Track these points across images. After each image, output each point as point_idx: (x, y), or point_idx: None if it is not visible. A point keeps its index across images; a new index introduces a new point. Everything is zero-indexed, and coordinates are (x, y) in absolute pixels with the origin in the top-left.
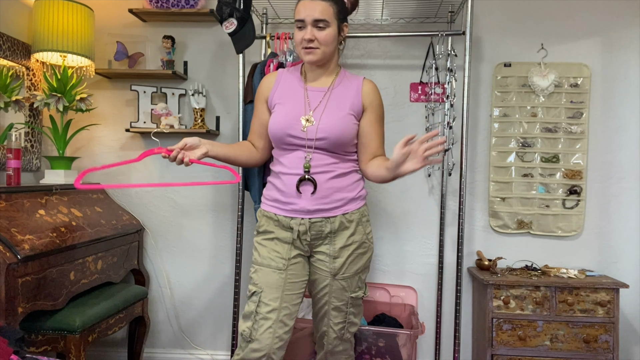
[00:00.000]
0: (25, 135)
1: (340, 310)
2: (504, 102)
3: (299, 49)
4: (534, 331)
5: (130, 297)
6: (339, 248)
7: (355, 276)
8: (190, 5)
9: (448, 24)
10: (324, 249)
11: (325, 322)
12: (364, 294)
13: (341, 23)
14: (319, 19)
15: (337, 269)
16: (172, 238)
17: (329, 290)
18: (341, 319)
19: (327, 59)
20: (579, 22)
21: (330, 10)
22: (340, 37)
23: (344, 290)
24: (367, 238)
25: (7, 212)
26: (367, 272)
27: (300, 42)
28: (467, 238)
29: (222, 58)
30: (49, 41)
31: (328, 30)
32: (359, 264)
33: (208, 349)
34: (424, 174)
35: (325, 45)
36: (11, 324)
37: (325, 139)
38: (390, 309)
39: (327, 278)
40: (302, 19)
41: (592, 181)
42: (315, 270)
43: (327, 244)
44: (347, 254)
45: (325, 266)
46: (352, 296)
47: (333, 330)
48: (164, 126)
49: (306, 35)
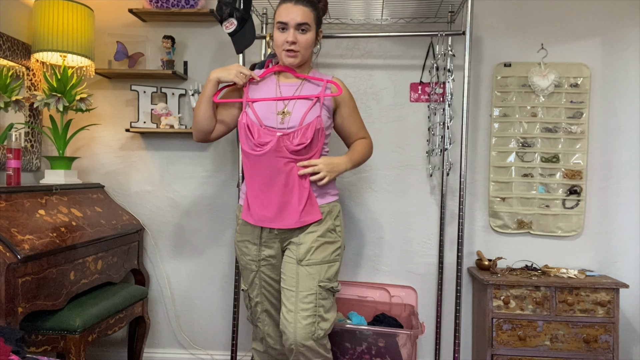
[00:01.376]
0: (25, 135)
1: (308, 302)
2: (504, 102)
3: (279, 51)
4: (534, 331)
5: (130, 297)
6: (303, 234)
7: (323, 265)
8: (190, 5)
9: (448, 24)
10: (294, 239)
11: (293, 316)
12: (334, 289)
13: (318, 28)
14: (302, 22)
15: (302, 254)
16: (172, 238)
17: (296, 278)
18: (311, 312)
19: (304, 62)
20: (579, 22)
21: (312, 15)
22: (316, 41)
23: (311, 278)
24: (334, 229)
25: (7, 212)
26: (337, 265)
27: (282, 44)
28: (467, 238)
29: (222, 58)
30: (49, 41)
31: (309, 34)
32: (325, 253)
33: (208, 349)
34: (425, 174)
35: (305, 48)
36: (11, 324)
37: (292, 128)
38: (390, 309)
39: (294, 265)
40: (286, 22)
41: (592, 181)
42: (285, 260)
43: (296, 233)
44: (311, 240)
45: (292, 254)
46: (320, 285)
47: (302, 325)
48: (164, 126)
49: (289, 37)
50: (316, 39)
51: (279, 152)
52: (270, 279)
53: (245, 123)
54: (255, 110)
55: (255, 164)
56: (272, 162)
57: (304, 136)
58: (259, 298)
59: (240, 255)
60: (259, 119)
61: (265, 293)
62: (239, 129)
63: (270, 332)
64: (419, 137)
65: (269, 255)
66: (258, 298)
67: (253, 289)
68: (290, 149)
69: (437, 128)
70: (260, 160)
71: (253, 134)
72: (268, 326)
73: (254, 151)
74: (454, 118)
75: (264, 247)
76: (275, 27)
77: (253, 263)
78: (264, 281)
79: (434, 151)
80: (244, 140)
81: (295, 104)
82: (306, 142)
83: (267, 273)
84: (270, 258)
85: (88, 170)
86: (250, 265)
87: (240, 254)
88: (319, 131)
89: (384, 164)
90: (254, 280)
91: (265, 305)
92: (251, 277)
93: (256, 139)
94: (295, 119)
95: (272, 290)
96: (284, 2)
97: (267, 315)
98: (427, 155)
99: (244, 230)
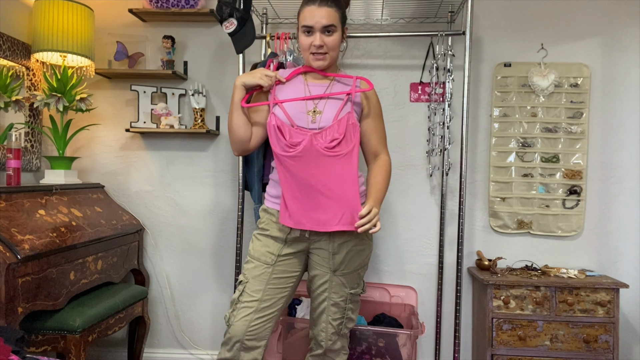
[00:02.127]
0: (25, 135)
1: (339, 306)
2: (504, 102)
3: (306, 55)
4: (534, 331)
5: (130, 297)
6: (338, 244)
7: (354, 272)
8: (190, 5)
9: (448, 24)
10: (323, 245)
11: (324, 318)
12: (362, 291)
13: (343, 26)
14: (328, 24)
15: (337, 264)
16: (172, 238)
17: (328, 286)
18: (340, 315)
19: (332, 63)
20: (579, 22)
21: (336, 16)
22: (343, 39)
23: (343, 286)
24: (366, 235)
25: (7, 212)
26: (365, 269)
27: (308, 47)
28: (467, 238)
29: (222, 58)
30: (49, 41)
31: (335, 35)
32: (358, 261)
33: (208, 349)
34: (425, 174)
35: (333, 50)
36: (11, 324)
37: (322, 128)
38: (390, 309)
39: (327, 274)
40: (311, 25)
41: (592, 181)
42: (315, 266)
43: (327, 240)
44: (347, 250)
45: (325, 262)
46: (351, 292)
47: (332, 326)
48: (164, 126)
49: (316, 41)
50: (342, 37)
51: (313, 151)
52: (282, 273)
53: (274, 124)
54: (285, 110)
55: (289, 166)
56: (307, 162)
57: (337, 132)
58: (258, 295)
59: (258, 247)
60: (290, 119)
61: (271, 287)
62: (269, 132)
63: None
64: (419, 137)
65: (290, 252)
66: (257, 295)
67: (255, 283)
68: (324, 146)
69: (437, 128)
70: (294, 161)
71: (284, 134)
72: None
73: (286, 152)
74: (453, 118)
75: (287, 247)
76: (300, 30)
77: (270, 256)
78: (275, 277)
79: (434, 151)
80: (275, 142)
81: (326, 103)
82: (340, 138)
83: (280, 268)
84: (291, 255)
85: (88, 170)
86: (266, 258)
87: (259, 245)
88: (352, 126)
89: None
90: (262, 274)
91: (263, 304)
92: (261, 270)
93: (288, 140)
94: (327, 118)
95: (280, 286)
96: (307, 4)
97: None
98: (427, 155)
99: (270, 225)
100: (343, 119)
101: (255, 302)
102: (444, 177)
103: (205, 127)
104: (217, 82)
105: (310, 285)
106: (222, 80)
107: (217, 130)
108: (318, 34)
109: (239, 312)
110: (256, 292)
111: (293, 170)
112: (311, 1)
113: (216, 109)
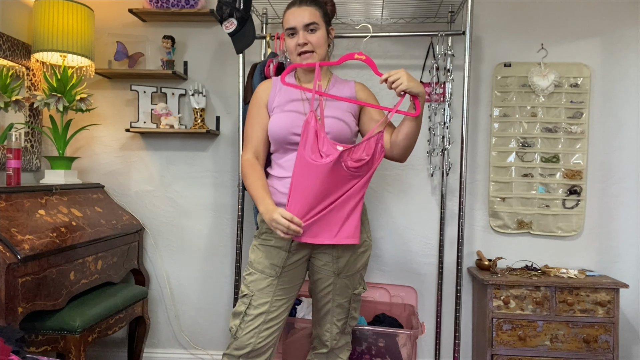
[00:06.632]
0: (25, 135)
1: (343, 307)
2: (504, 102)
3: (293, 57)
4: (534, 331)
5: (130, 297)
6: (341, 249)
7: (357, 274)
8: (190, 5)
9: (448, 24)
10: (327, 250)
11: (329, 319)
12: (363, 290)
13: (328, 26)
14: (309, 22)
15: (341, 268)
16: (172, 238)
17: (332, 289)
18: (344, 315)
19: (321, 59)
20: (579, 22)
21: (318, 14)
22: (329, 39)
23: (347, 287)
24: (367, 237)
25: (7, 212)
26: (366, 268)
27: (294, 48)
28: (467, 238)
29: (222, 58)
30: (49, 41)
31: (319, 32)
32: (360, 262)
33: (208, 349)
34: (426, 174)
35: (318, 47)
36: (11, 323)
37: (328, 134)
38: (390, 309)
39: (331, 277)
40: (293, 26)
41: (592, 181)
42: (318, 270)
43: (329, 245)
44: (350, 254)
45: (328, 266)
46: (354, 293)
47: (337, 326)
48: (164, 126)
49: (299, 40)
50: (328, 36)
51: (337, 165)
52: (287, 283)
53: (315, 128)
54: (282, 117)
55: (309, 174)
56: (326, 173)
57: (365, 152)
58: (265, 307)
59: (260, 258)
60: (287, 127)
61: (277, 298)
62: (303, 132)
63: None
64: (419, 137)
65: (294, 261)
66: (264, 308)
67: (261, 296)
68: (349, 164)
69: (437, 128)
70: (316, 170)
71: (319, 142)
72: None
73: (314, 160)
74: (453, 118)
75: (292, 255)
76: (286, 35)
77: (275, 268)
78: (280, 287)
79: (434, 151)
80: (306, 145)
81: (325, 106)
82: (366, 159)
83: (286, 279)
84: (295, 264)
85: (88, 170)
86: (270, 271)
87: (262, 257)
88: (379, 148)
89: (384, 164)
90: (267, 286)
91: (270, 315)
92: (266, 282)
93: (323, 149)
94: (330, 123)
95: (285, 296)
96: (288, 8)
97: (263, 324)
98: (428, 156)
99: (272, 235)
100: (372, 139)
101: (263, 314)
102: (444, 177)
103: (205, 127)
104: (217, 82)
105: (313, 287)
106: (222, 80)
107: (217, 130)
108: (301, 32)
109: (246, 325)
110: (262, 304)
111: (312, 179)
112: (292, 4)
113: (216, 109)
